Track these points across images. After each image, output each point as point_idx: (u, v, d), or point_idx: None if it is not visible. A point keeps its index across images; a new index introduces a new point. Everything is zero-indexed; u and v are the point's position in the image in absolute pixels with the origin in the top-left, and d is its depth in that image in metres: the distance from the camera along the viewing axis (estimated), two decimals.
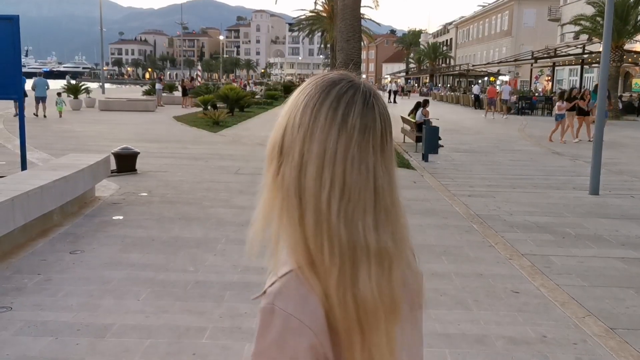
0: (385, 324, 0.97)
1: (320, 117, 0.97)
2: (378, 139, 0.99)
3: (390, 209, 1.00)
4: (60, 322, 4.30)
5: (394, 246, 0.99)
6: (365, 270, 0.96)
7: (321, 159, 0.96)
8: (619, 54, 30.99)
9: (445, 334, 4.24)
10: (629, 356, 3.98)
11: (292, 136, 0.99)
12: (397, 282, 0.99)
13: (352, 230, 0.96)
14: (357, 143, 0.97)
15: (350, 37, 15.18)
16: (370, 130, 0.98)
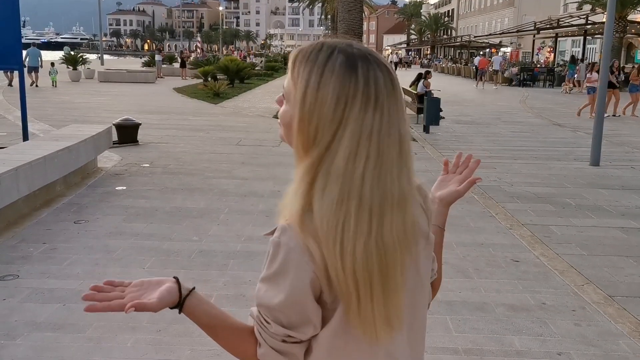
0: (401, 261, 1.07)
1: (355, 106, 1.03)
2: (399, 99, 1.08)
3: (407, 155, 1.09)
4: (67, 290, 4.37)
5: (409, 188, 1.09)
6: (389, 218, 1.05)
7: (356, 141, 1.03)
8: (622, 24, 30.68)
9: (446, 302, 4.30)
10: (627, 322, 4.05)
11: (325, 129, 1.04)
12: (410, 221, 1.08)
13: (382, 189, 1.05)
14: (388, 116, 1.05)
15: (351, 8, 15.03)
16: (392, 96, 1.06)
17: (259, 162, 9.38)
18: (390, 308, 1.08)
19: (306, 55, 1.09)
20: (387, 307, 1.07)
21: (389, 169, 1.05)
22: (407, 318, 1.14)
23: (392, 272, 1.06)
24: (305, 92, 1.05)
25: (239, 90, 24.58)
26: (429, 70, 17.75)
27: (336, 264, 1.03)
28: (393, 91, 1.06)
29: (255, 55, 74.80)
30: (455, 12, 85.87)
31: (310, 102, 1.05)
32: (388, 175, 1.04)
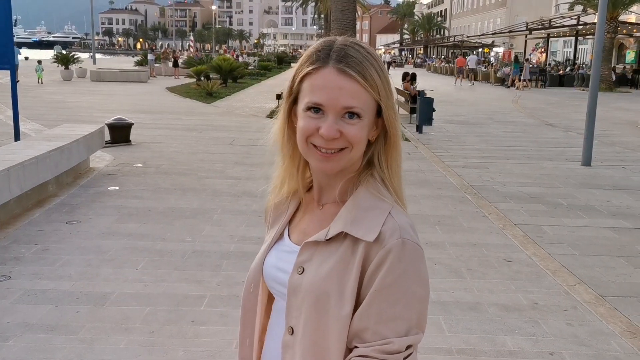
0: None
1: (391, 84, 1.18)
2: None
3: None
4: (59, 291, 4.35)
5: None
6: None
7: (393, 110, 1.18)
8: (613, 25, 30.84)
9: (439, 302, 4.32)
10: (617, 322, 4.08)
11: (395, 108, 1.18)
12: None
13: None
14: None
15: (344, 7, 15.02)
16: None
17: (253, 161, 9.37)
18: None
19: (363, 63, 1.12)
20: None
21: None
22: None
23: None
24: (386, 87, 1.15)
25: (232, 90, 24.54)
26: (414, 73, 17.75)
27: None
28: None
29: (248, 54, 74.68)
30: (448, 12, 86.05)
31: (390, 90, 1.16)
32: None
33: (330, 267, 1.11)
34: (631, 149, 12.01)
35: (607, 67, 30.58)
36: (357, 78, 1.10)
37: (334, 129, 1.10)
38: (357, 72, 1.10)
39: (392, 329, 1.06)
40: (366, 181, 1.17)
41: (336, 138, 1.10)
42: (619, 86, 32.49)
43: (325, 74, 1.10)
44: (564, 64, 42.92)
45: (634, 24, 35.35)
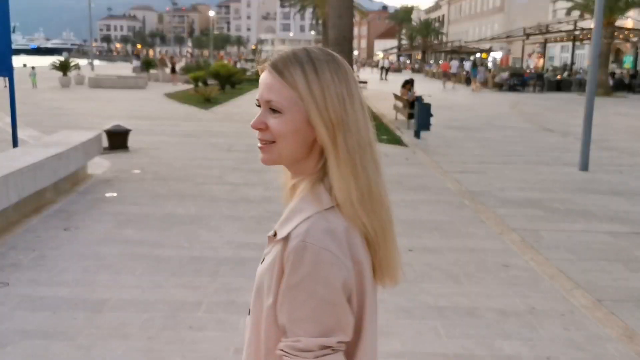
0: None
1: (350, 81, 1.21)
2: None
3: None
4: (57, 297, 4.35)
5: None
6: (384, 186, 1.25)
7: (362, 111, 1.22)
8: (610, 30, 30.96)
9: (436, 307, 4.33)
10: (615, 326, 4.08)
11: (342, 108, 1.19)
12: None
13: (377, 157, 1.25)
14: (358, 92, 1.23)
15: (342, 13, 15.08)
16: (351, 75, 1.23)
17: (250, 167, 9.38)
18: (397, 253, 1.27)
19: (288, 61, 1.20)
20: (397, 253, 1.27)
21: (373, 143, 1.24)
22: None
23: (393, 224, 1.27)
24: (311, 86, 1.17)
25: (230, 96, 24.57)
26: (412, 79, 17.82)
27: (382, 222, 1.21)
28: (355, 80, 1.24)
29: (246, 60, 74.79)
30: (446, 17, 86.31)
31: (317, 91, 1.17)
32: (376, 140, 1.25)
33: (269, 261, 1.20)
34: (628, 153, 12.05)
35: (604, 72, 30.68)
36: (274, 74, 1.20)
37: (259, 120, 1.22)
38: (277, 69, 1.20)
39: (303, 328, 1.11)
40: (312, 185, 1.22)
41: (261, 129, 1.22)
42: (617, 91, 32.59)
43: (263, 74, 1.24)
44: (562, 69, 43.04)
45: (631, 30, 35.49)
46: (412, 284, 4.77)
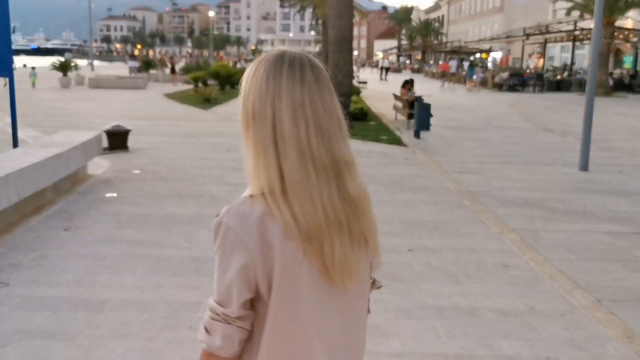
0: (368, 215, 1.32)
1: (283, 80, 1.26)
2: (328, 84, 1.30)
3: (345, 132, 1.32)
4: (57, 297, 4.36)
5: (354, 158, 1.32)
6: (348, 177, 1.28)
7: (293, 109, 1.24)
8: (610, 30, 30.96)
9: (436, 307, 4.33)
10: (614, 326, 4.09)
11: (262, 102, 1.26)
12: (361, 183, 1.32)
13: (331, 153, 1.26)
14: (319, 93, 1.27)
15: (342, 13, 15.07)
16: (321, 79, 1.29)
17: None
18: (347, 256, 1.27)
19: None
20: (344, 254, 1.26)
21: (333, 138, 1.27)
22: (363, 284, 1.37)
23: (346, 227, 1.27)
24: (245, 79, 1.30)
25: (229, 96, 24.56)
26: (412, 79, 17.85)
27: (311, 216, 1.22)
28: (319, 81, 1.29)
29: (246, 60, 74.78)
30: (446, 17, 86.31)
31: (248, 84, 1.29)
32: (334, 143, 1.27)
33: None
34: (628, 153, 12.05)
35: (604, 72, 30.70)
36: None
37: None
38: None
39: (214, 290, 1.30)
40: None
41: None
42: (616, 91, 32.59)
43: None
44: (561, 69, 43.05)
45: (631, 30, 35.50)
46: (411, 284, 4.77)
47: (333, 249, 1.25)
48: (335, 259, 1.25)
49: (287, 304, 1.26)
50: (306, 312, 1.28)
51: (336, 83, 15.09)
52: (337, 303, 1.31)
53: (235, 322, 1.29)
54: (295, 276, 1.25)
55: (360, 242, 1.31)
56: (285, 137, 1.23)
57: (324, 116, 1.27)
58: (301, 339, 1.29)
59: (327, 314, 1.31)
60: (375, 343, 3.78)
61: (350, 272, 1.28)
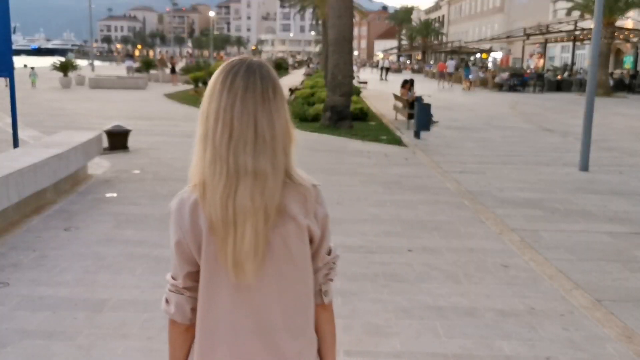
0: (251, 224, 1.40)
1: (217, 85, 1.43)
2: (259, 94, 1.41)
3: (268, 143, 1.40)
4: (57, 297, 4.36)
5: (272, 169, 1.40)
6: (242, 186, 1.39)
7: (217, 113, 1.41)
8: (610, 30, 30.96)
9: (436, 307, 4.33)
10: (614, 327, 4.09)
11: (204, 103, 1.45)
12: (261, 195, 1.40)
13: (236, 159, 1.39)
14: (240, 98, 1.40)
15: (342, 13, 15.07)
16: (250, 89, 1.41)
17: None
18: (241, 254, 1.40)
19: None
20: (236, 253, 1.40)
21: (243, 145, 1.39)
22: (271, 278, 1.47)
23: (240, 229, 1.40)
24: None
25: None
26: (412, 79, 17.87)
27: (214, 212, 1.40)
28: (249, 91, 1.41)
29: None
30: (446, 17, 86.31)
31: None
32: (241, 150, 1.39)
33: None
34: (629, 154, 12.05)
35: (604, 72, 30.69)
36: None
37: None
38: None
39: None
40: None
41: None
42: (617, 91, 32.59)
43: None
44: (562, 69, 43.05)
45: (631, 30, 35.48)
46: (411, 284, 4.78)
47: (226, 247, 1.41)
48: (228, 256, 1.41)
49: (207, 282, 1.47)
50: (216, 294, 1.47)
51: (336, 83, 15.22)
52: (247, 288, 1.46)
53: (185, 293, 1.52)
54: (214, 259, 1.45)
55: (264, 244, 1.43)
56: (208, 137, 1.41)
57: (239, 124, 1.39)
58: (209, 323, 1.49)
59: (236, 299, 1.47)
60: (375, 343, 3.78)
61: (243, 270, 1.42)
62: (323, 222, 1.53)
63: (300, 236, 1.48)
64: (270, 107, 1.42)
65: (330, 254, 1.62)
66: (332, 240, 1.61)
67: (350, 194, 7.85)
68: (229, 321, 1.48)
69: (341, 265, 5.37)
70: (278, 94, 1.44)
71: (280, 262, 1.47)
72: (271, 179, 1.40)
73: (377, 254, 5.50)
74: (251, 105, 1.40)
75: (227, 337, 1.49)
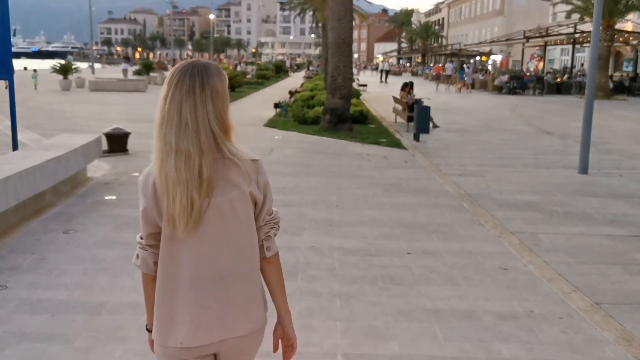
0: (181, 190, 1.75)
1: (165, 81, 1.82)
2: (186, 87, 1.76)
3: (191, 127, 1.75)
4: (55, 300, 4.36)
5: (196, 148, 1.74)
6: (170, 159, 1.75)
7: (163, 105, 1.78)
8: (610, 33, 30.99)
9: (434, 310, 4.33)
10: (612, 330, 4.09)
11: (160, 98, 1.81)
12: (197, 169, 1.74)
13: (165, 140, 1.76)
14: (172, 91, 1.77)
15: (341, 16, 15.08)
16: (180, 83, 1.77)
17: None
18: (174, 214, 1.77)
19: None
20: (169, 212, 1.79)
21: (169, 128, 1.75)
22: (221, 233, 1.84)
23: (171, 194, 1.77)
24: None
25: (230, 99, 24.57)
26: (412, 82, 17.89)
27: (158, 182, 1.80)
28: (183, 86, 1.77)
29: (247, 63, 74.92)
30: (446, 20, 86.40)
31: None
32: (168, 132, 1.75)
33: None
34: (628, 156, 12.05)
35: (604, 75, 30.72)
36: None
37: None
38: None
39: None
40: None
41: None
42: (616, 94, 32.61)
43: None
44: (562, 71, 43.08)
45: (631, 32, 35.52)
46: (410, 286, 4.77)
47: (178, 209, 1.77)
48: (164, 214, 1.81)
49: (166, 239, 1.86)
50: (174, 250, 1.85)
51: (336, 86, 15.22)
52: (198, 242, 1.83)
53: (148, 249, 1.94)
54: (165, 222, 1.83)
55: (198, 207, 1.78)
56: (158, 125, 1.78)
57: (169, 113, 1.76)
58: (168, 273, 1.87)
59: (189, 252, 1.84)
60: (374, 346, 3.78)
61: (175, 226, 1.79)
62: (264, 189, 1.90)
63: (245, 201, 1.85)
64: (195, 99, 1.76)
65: (271, 215, 1.96)
66: (273, 204, 1.97)
67: (349, 197, 7.85)
68: (187, 270, 1.84)
69: (340, 268, 5.38)
70: (207, 90, 1.78)
71: (228, 221, 1.83)
72: (195, 156, 1.74)
73: (376, 257, 5.50)
74: (177, 97, 1.76)
75: (185, 283, 1.84)
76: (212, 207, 1.80)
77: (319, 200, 7.65)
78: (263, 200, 1.90)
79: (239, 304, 1.87)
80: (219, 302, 1.84)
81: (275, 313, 2.03)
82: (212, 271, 1.84)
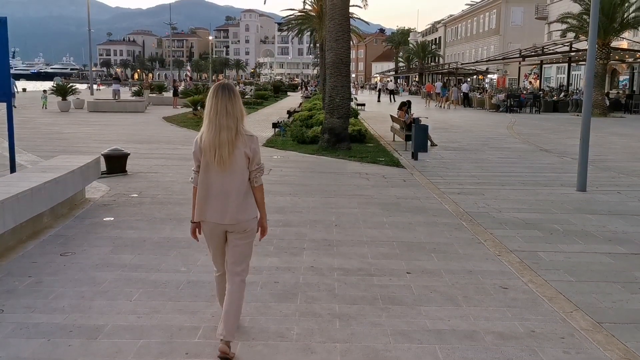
0: (222, 147, 3.66)
1: (210, 93, 3.75)
2: (226, 94, 3.70)
3: (231, 113, 3.67)
4: (52, 324, 4.31)
5: (232, 125, 3.67)
6: (222, 132, 3.67)
7: (211, 104, 3.71)
8: (605, 51, 31.23)
9: (435, 330, 4.29)
10: (615, 349, 4.04)
11: (207, 100, 3.80)
12: (232, 135, 3.66)
13: (217, 120, 3.68)
14: (218, 96, 3.70)
15: (339, 37, 15.19)
16: (221, 92, 3.70)
17: None
18: (222, 158, 3.66)
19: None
20: (221, 158, 3.67)
21: (221, 115, 3.65)
22: (233, 171, 3.70)
23: (222, 149, 3.65)
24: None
25: None
26: (409, 101, 17.95)
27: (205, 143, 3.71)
28: (225, 96, 3.69)
29: (245, 83, 75.29)
30: (442, 39, 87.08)
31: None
32: (226, 117, 3.65)
33: None
34: (626, 174, 12.06)
35: (600, 92, 30.89)
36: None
37: None
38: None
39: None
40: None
41: None
42: (613, 111, 32.75)
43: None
44: (558, 90, 43.31)
45: (626, 50, 35.79)
46: (410, 307, 4.74)
47: (214, 156, 3.65)
48: (216, 159, 3.64)
49: (203, 169, 3.74)
50: (208, 176, 3.72)
51: (334, 105, 15.28)
52: (221, 174, 3.69)
53: (196, 172, 3.79)
54: (205, 161, 3.71)
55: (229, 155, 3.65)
56: (206, 114, 3.71)
57: (221, 109, 3.65)
58: (205, 187, 3.74)
59: (216, 178, 3.70)
60: None
61: (223, 164, 3.64)
62: (254, 151, 3.72)
63: (243, 156, 3.69)
64: (231, 100, 3.68)
65: (259, 165, 3.78)
66: (261, 159, 3.82)
67: (348, 216, 7.83)
68: (214, 186, 3.71)
69: (339, 289, 5.33)
70: (235, 96, 3.71)
71: (236, 165, 3.68)
72: (232, 130, 3.64)
73: (375, 277, 5.46)
74: (223, 99, 3.66)
75: (212, 193, 3.72)
76: (231, 157, 3.64)
77: (318, 220, 7.62)
78: (252, 157, 3.72)
79: (240, 205, 3.73)
80: (230, 203, 3.71)
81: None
82: (226, 188, 3.69)
